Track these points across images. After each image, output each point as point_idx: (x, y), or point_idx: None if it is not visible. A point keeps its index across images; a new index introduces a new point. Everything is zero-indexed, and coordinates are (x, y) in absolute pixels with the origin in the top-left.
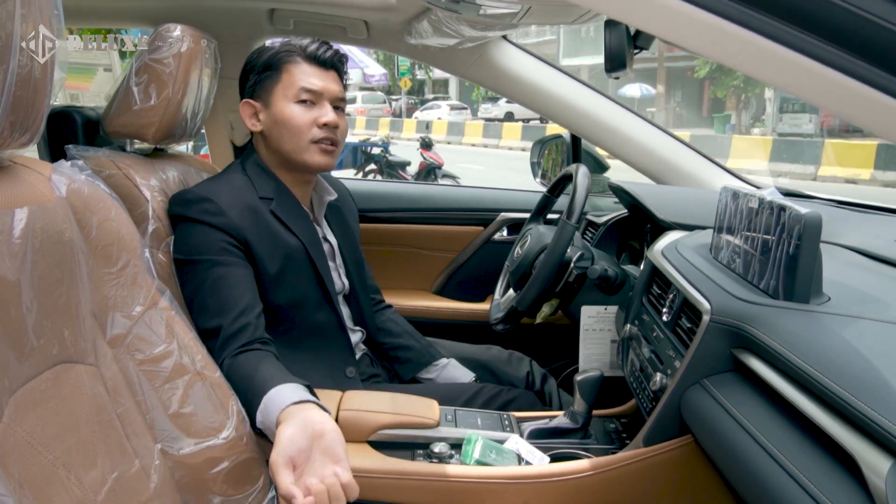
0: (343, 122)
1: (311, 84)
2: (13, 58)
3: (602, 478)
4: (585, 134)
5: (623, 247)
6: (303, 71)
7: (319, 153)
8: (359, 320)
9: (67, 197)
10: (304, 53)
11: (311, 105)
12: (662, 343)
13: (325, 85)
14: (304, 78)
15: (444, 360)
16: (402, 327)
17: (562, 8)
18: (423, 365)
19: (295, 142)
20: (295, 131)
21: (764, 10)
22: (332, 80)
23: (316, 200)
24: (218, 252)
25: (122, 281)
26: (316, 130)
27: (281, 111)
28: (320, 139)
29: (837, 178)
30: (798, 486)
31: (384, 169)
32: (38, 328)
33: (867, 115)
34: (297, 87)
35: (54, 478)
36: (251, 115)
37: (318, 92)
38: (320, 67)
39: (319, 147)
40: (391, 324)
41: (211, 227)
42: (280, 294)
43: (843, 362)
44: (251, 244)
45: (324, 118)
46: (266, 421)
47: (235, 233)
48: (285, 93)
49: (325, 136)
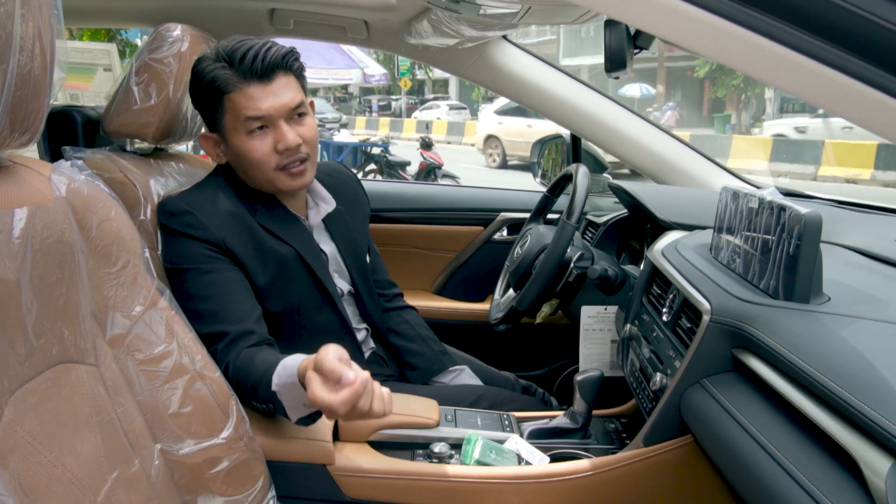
0: (307, 131)
1: (255, 111)
2: (13, 58)
3: (602, 478)
4: (585, 134)
5: (623, 247)
6: (244, 96)
7: (289, 178)
8: (365, 318)
9: (67, 197)
10: (240, 73)
11: (266, 131)
12: (662, 343)
13: (271, 105)
14: (247, 105)
15: (458, 368)
16: (415, 331)
17: (562, 8)
18: (433, 372)
19: (261, 174)
20: (257, 165)
21: (764, 11)
22: (282, 88)
23: (313, 209)
24: (205, 261)
25: (122, 281)
26: (277, 158)
27: (236, 146)
28: (285, 165)
29: (837, 178)
30: (798, 486)
31: (384, 169)
32: (38, 328)
33: (867, 115)
34: (241, 119)
35: (54, 478)
36: (213, 146)
37: (266, 117)
38: (261, 82)
39: (287, 172)
40: (405, 326)
41: (193, 240)
42: (275, 302)
43: (842, 362)
44: (237, 254)
45: (280, 144)
46: (284, 376)
47: (218, 243)
48: (234, 125)
49: (288, 161)
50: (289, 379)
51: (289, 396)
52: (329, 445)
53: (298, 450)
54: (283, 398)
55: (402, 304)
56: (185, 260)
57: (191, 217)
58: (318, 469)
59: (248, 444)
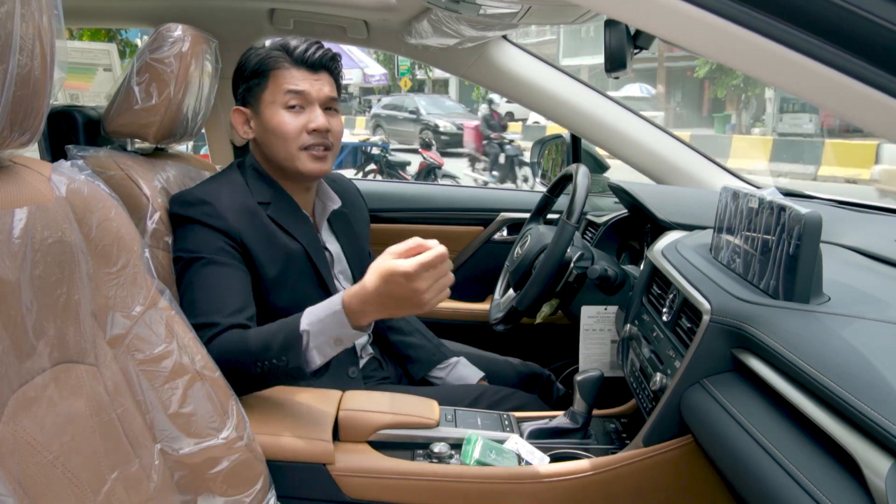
0: (336, 124)
1: (297, 86)
2: (13, 57)
3: (602, 478)
4: (585, 134)
5: (623, 247)
6: (290, 75)
7: (311, 160)
8: None
9: (67, 197)
10: (292, 57)
11: (300, 110)
12: (662, 343)
13: (312, 87)
14: (291, 81)
15: (455, 359)
16: (413, 325)
17: (562, 8)
18: (433, 364)
19: (285, 149)
20: (284, 138)
21: (764, 10)
22: (324, 81)
23: (319, 207)
24: (215, 252)
25: (122, 281)
26: (305, 136)
27: (269, 118)
28: (310, 145)
29: (837, 178)
30: (798, 486)
31: (384, 169)
32: (37, 328)
33: (867, 115)
34: (283, 91)
35: (54, 478)
36: (243, 123)
37: (305, 95)
38: (309, 70)
39: (310, 154)
40: (402, 322)
41: (209, 229)
42: (281, 297)
43: (842, 362)
44: (249, 247)
45: (312, 124)
46: (320, 312)
47: (234, 235)
48: (273, 99)
49: (315, 143)
50: (327, 312)
51: (324, 332)
52: (329, 445)
53: (298, 450)
54: (314, 337)
55: None
56: (197, 248)
57: (209, 207)
58: (318, 469)
59: (248, 444)
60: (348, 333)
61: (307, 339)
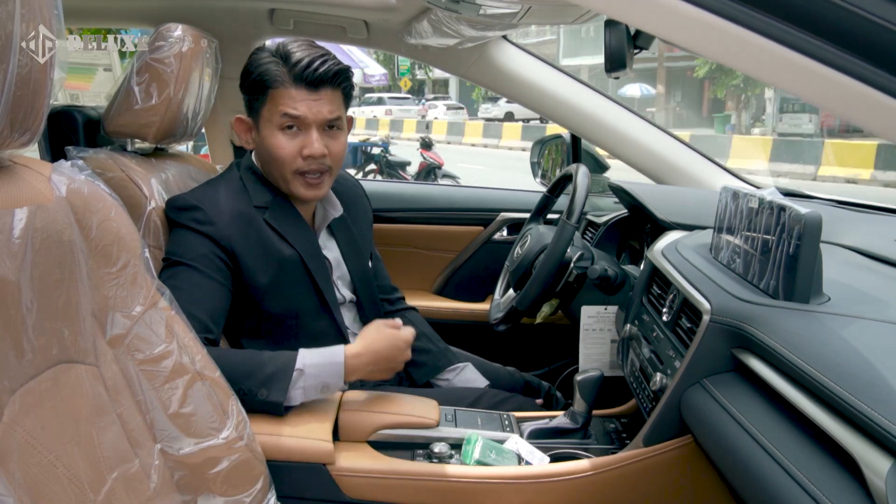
0: (336, 146)
1: (294, 110)
2: (13, 58)
3: (602, 478)
4: (585, 134)
5: (623, 247)
6: (288, 96)
7: (304, 186)
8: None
9: (67, 197)
10: (291, 75)
11: (297, 132)
12: (662, 343)
13: (310, 111)
14: (288, 103)
15: (461, 365)
16: (419, 329)
17: (562, 8)
18: (438, 369)
19: (279, 172)
20: (279, 161)
21: (764, 10)
22: (324, 101)
23: (319, 212)
24: (197, 258)
25: (122, 281)
26: (300, 161)
27: (266, 137)
28: (305, 171)
29: (837, 178)
30: (798, 486)
31: (384, 169)
32: (38, 328)
33: (867, 115)
34: (279, 112)
35: (54, 478)
36: (246, 132)
37: (301, 119)
38: (308, 90)
39: (304, 180)
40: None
41: (197, 234)
42: (274, 303)
43: (842, 362)
44: (238, 254)
45: (307, 150)
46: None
47: (223, 242)
48: (270, 118)
49: (309, 169)
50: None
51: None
52: (329, 445)
53: (298, 450)
54: (307, 378)
55: (403, 305)
56: (185, 254)
57: (199, 213)
58: (318, 469)
59: (249, 444)
60: (338, 385)
61: (299, 378)
